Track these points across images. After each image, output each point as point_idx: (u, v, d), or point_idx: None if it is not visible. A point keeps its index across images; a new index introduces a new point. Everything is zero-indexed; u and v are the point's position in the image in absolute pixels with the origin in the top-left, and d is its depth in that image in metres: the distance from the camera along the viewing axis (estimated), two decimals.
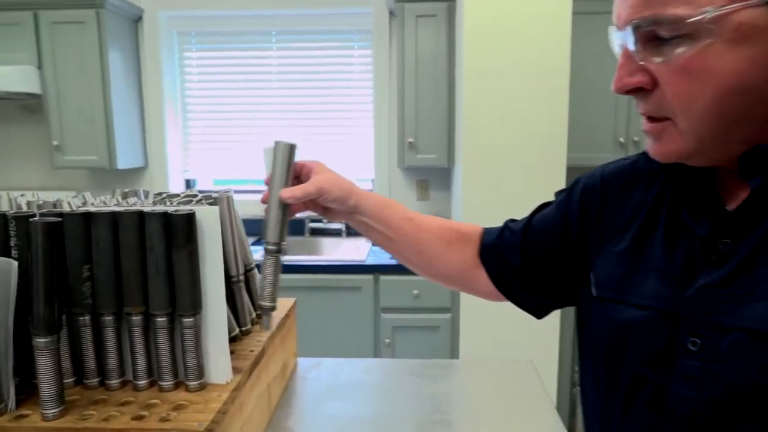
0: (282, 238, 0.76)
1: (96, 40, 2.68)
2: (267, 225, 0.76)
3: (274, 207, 0.75)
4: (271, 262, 0.76)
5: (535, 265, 0.76)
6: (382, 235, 0.83)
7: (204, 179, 3.27)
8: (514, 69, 2.13)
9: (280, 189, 0.75)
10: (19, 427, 0.66)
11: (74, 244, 0.71)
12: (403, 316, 2.40)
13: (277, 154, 0.76)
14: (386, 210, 0.82)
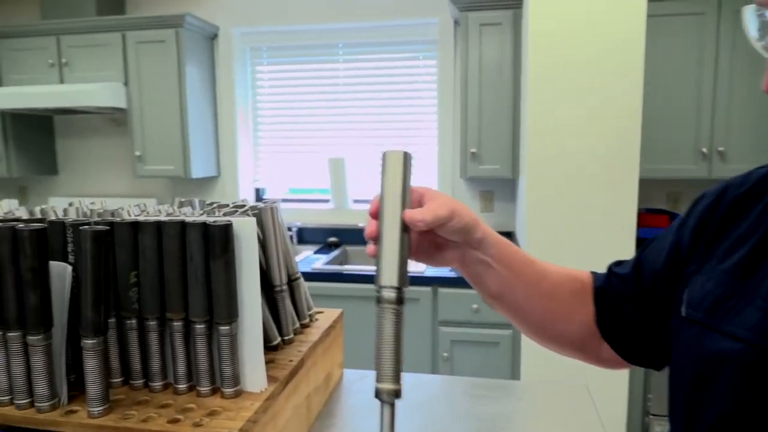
0: (404, 281, 0.54)
1: (175, 57, 2.86)
2: (381, 262, 0.54)
3: (391, 237, 0.55)
4: (391, 317, 0.52)
5: (652, 310, 0.64)
6: (501, 281, 0.65)
7: (273, 188, 3.38)
8: (582, 76, 2.04)
9: (400, 211, 0.55)
10: (67, 421, 0.70)
11: (123, 252, 0.75)
12: (462, 330, 2.35)
13: (389, 167, 0.57)
14: (510, 247, 0.66)
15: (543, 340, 0.72)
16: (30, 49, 3.03)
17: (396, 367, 0.52)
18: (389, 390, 0.51)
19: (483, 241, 0.63)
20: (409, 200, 0.57)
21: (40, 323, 0.70)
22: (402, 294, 0.54)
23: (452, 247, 0.63)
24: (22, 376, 0.72)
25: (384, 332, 0.52)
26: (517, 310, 0.68)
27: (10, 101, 2.93)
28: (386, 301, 0.53)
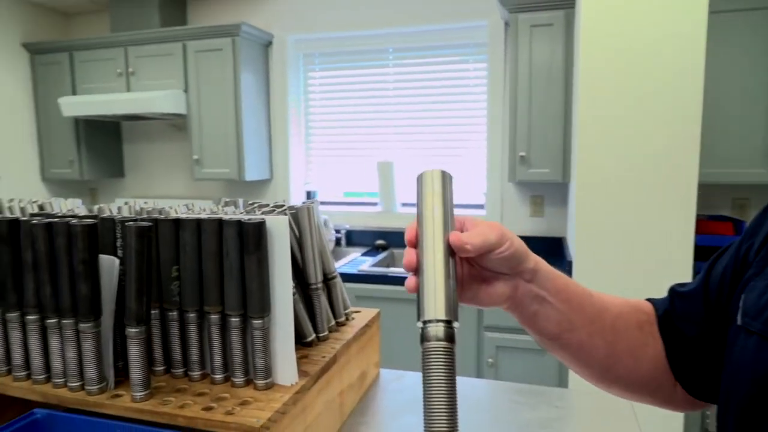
0: (454, 313, 0.45)
1: (231, 64, 2.98)
2: (424, 293, 0.46)
3: (435, 263, 0.47)
4: (441, 359, 0.42)
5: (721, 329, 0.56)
6: (560, 318, 0.56)
7: (323, 191, 3.45)
8: (637, 76, 1.97)
9: (443, 235, 0.48)
10: (112, 404, 0.75)
11: (166, 247, 0.80)
12: (507, 336, 2.31)
13: (427, 188, 0.51)
14: (565, 278, 0.57)
15: (609, 383, 0.62)
16: (101, 60, 3.24)
17: (453, 420, 0.41)
18: None
19: (537, 272, 0.55)
20: (452, 223, 0.50)
21: (91, 312, 0.75)
22: (452, 329, 0.44)
23: (502, 281, 0.54)
24: (74, 361, 0.78)
25: (432, 381, 0.42)
26: (580, 349, 0.58)
27: (83, 109, 3.14)
28: (433, 339, 0.43)
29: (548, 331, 0.58)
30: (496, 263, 0.52)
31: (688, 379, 0.60)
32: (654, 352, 0.60)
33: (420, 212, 0.50)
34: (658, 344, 0.61)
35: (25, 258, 0.79)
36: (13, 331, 0.82)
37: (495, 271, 0.54)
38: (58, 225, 0.76)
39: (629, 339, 0.60)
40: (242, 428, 0.68)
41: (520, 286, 0.55)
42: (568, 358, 0.60)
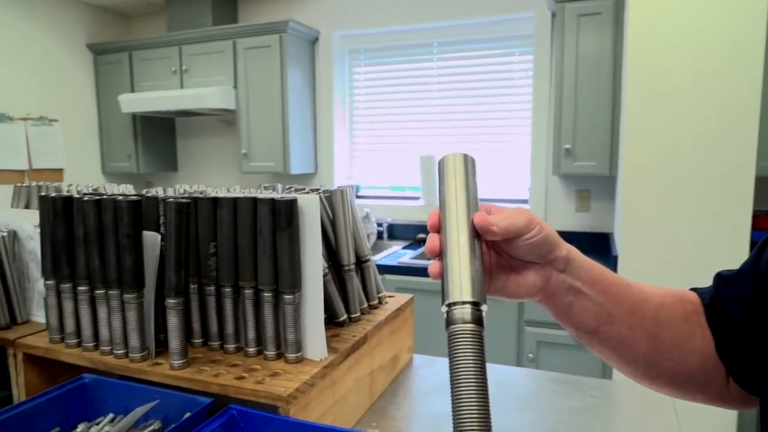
0: (481, 295, 0.42)
1: (278, 60, 3.05)
2: (449, 275, 0.43)
3: (459, 245, 0.44)
4: (469, 344, 0.39)
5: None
6: (597, 310, 0.52)
7: (366, 185, 3.48)
8: (690, 65, 1.89)
9: (467, 217, 0.46)
10: (153, 371, 0.80)
11: (204, 224, 0.84)
12: (549, 332, 2.26)
13: (450, 172, 0.49)
14: (601, 268, 0.54)
15: (653, 380, 0.57)
16: (157, 59, 3.39)
17: (484, 409, 0.37)
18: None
19: (570, 261, 0.51)
20: (477, 207, 0.47)
21: (134, 283, 0.80)
22: (480, 312, 0.41)
23: (533, 270, 0.50)
24: (119, 330, 0.83)
25: (460, 367, 0.38)
26: (620, 344, 0.54)
27: (140, 105, 3.30)
28: (459, 321, 0.40)
29: (585, 324, 0.53)
30: (525, 250, 0.49)
31: (740, 371, 0.55)
32: (702, 344, 0.56)
33: (442, 197, 0.48)
34: (706, 335, 0.56)
35: (77, 233, 0.84)
36: (66, 302, 0.88)
37: (524, 260, 0.50)
38: (106, 201, 0.81)
39: (674, 330, 0.55)
40: (271, 396, 0.71)
41: (552, 277, 0.51)
42: (608, 353, 0.56)
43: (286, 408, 0.70)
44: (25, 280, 1.04)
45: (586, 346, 0.57)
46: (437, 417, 0.93)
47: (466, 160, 0.50)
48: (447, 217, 0.47)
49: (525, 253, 0.49)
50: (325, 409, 0.80)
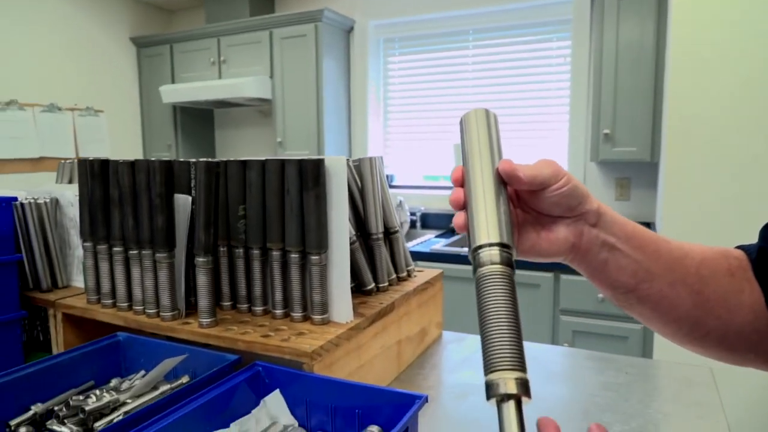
0: (510, 237, 0.41)
1: (314, 50, 3.08)
2: (475, 221, 0.42)
3: (484, 191, 0.43)
4: (500, 283, 0.38)
5: None
6: (635, 267, 0.49)
7: (400, 174, 3.47)
8: (736, 49, 1.80)
9: (491, 166, 0.45)
10: (182, 329, 0.81)
11: (234, 187, 0.85)
12: (585, 321, 2.20)
13: (472, 127, 0.48)
14: (634, 224, 0.51)
15: (699, 340, 0.53)
16: (196, 51, 3.47)
17: (516, 350, 0.35)
18: (511, 381, 0.34)
19: (602, 215, 0.48)
20: (501, 154, 0.46)
21: (166, 242, 0.82)
22: (510, 253, 0.40)
23: (563, 225, 0.48)
24: (151, 289, 0.85)
25: (491, 310, 0.37)
26: (661, 302, 0.51)
27: (180, 95, 3.38)
28: (488, 263, 0.39)
29: (622, 283, 0.50)
30: (554, 203, 0.46)
31: None
32: (751, 299, 0.52)
33: (465, 149, 0.47)
34: (755, 290, 0.52)
35: (113, 194, 0.87)
36: (102, 263, 0.91)
37: (553, 214, 0.48)
38: (140, 163, 0.83)
39: (719, 286, 0.51)
40: (295, 353, 0.71)
41: (584, 232, 0.48)
42: (649, 314, 0.52)
43: (311, 364, 0.70)
44: (66, 247, 1.08)
45: (625, 309, 0.54)
46: (466, 387, 0.92)
47: (488, 114, 0.48)
48: (471, 167, 0.45)
49: (553, 206, 0.47)
50: (350, 371, 0.80)
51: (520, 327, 0.37)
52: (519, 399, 0.34)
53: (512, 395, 0.34)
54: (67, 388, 0.76)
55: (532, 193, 0.47)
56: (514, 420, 0.33)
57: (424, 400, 0.61)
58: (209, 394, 0.64)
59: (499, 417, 0.34)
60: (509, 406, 0.34)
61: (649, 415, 0.81)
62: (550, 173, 0.45)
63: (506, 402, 0.34)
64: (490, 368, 0.35)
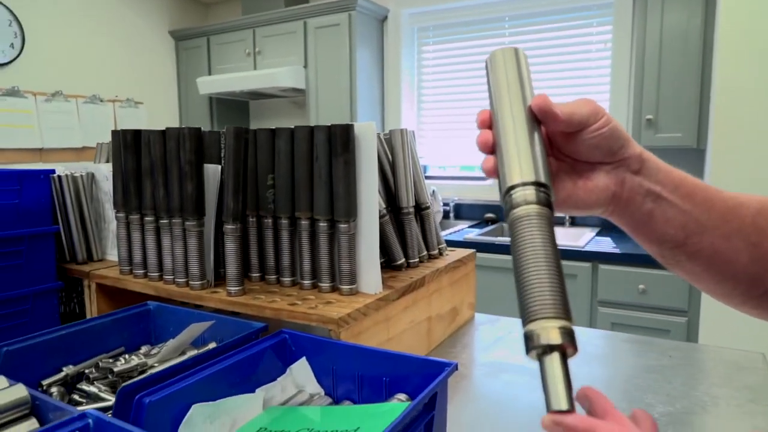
0: (547, 176, 0.37)
1: (347, 39, 3.07)
2: (507, 160, 0.38)
3: (516, 130, 0.39)
4: (537, 224, 0.34)
5: None
6: (684, 219, 0.44)
7: (435, 164, 3.43)
8: None
9: (522, 105, 0.41)
10: (211, 297, 0.81)
11: (263, 156, 0.84)
12: (624, 313, 2.12)
13: (499, 66, 0.43)
14: (680, 172, 0.46)
15: (760, 301, 0.48)
16: (232, 42, 3.51)
17: (558, 295, 0.31)
18: (554, 330, 0.30)
19: (645, 160, 0.44)
20: (533, 93, 0.42)
21: (195, 210, 0.81)
22: (547, 193, 0.36)
23: (603, 172, 0.43)
24: (181, 258, 0.85)
25: (527, 250, 0.32)
26: (714, 257, 0.45)
27: (216, 86, 3.43)
28: (523, 203, 0.35)
29: (669, 236, 0.45)
30: (592, 146, 0.42)
31: None
32: None
33: (492, 90, 0.42)
34: None
35: (144, 164, 0.87)
36: (134, 233, 0.91)
37: (592, 160, 0.43)
38: (170, 131, 0.82)
39: None
40: (322, 320, 0.70)
41: (626, 180, 0.44)
42: (700, 271, 0.47)
43: (338, 331, 0.69)
44: (102, 221, 1.10)
45: (672, 268, 0.49)
46: (499, 365, 0.88)
47: (517, 53, 0.44)
48: (500, 107, 0.41)
49: (592, 149, 0.42)
50: (378, 343, 0.78)
51: (562, 272, 0.33)
52: (564, 350, 0.30)
53: (556, 346, 0.30)
54: (98, 353, 0.77)
55: (568, 136, 0.42)
56: (559, 374, 0.29)
57: (454, 368, 0.58)
58: (234, 358, 0.63)
59: (541, 372, 0.30)
60: (552, 359, 0.30)
61: (695, 397, 0.76)
62: (588, 111, 0.41)
63: (549, 354, 0.30)
64: (530, 317, 0.31)
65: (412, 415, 0.51)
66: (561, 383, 0.29)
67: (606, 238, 2.41)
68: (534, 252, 0.33)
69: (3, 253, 0.93)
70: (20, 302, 0.95)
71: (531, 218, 0.34)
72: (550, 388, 0.29)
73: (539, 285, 0.31)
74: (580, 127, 0.41)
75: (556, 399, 0.29)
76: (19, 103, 2.89)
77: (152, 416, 0.53)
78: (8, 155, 2.83)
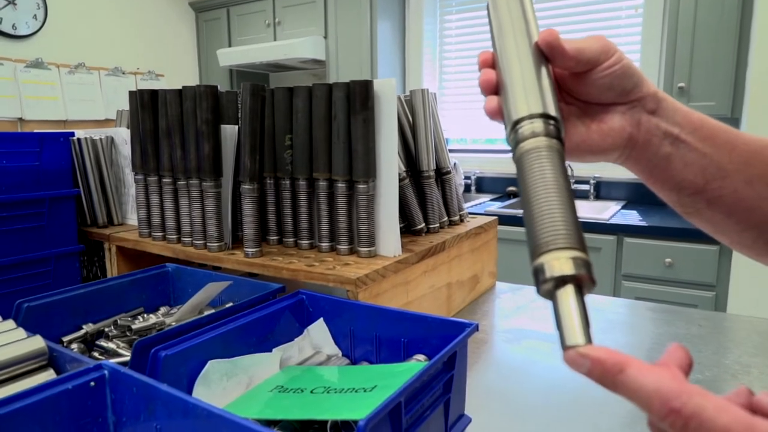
0: (556, 109, 0.35)
1: (368, 8, 3.00)
2: (512, 93, 0.36)
3: (520, 61, 0.37)
4: (548, 156, 0.31)
5: None
6: (704, 163, 0.41)
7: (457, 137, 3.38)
8: None
9: (528, 41, 0.38)
10: (228, 258, 0.80)
11: (281, 116, 0.82)
12: (649, 287, 2.08)
13: (502, 3, 0.40)
14: (698, 114, 0.43)
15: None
16: (252, 13, 3.47)
17: (571, 225, 0.28)
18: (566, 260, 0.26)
19: (661, 100, 0.41)
20: (537, 30, 0.38)
21: (212, 171, 0.80)
22: (556, 126, 0.33)
23: (617, 114, 0.41)
24: (199, 220, 0.84)
25: (537, 183, 0.30)
26: (735, 205, 0.42)
27: (235, 58, 3.41)
28: (531, 137, 0.32)
29: (688, 182, 0.42)
30: (604, 86, 0.39)
31: None
32: None
33: (495, 28, 0.39)
34: None
35: (161, 125, 0.86)
36: (152, 195, 0.91)
37: (604, 101, 0.40)
38: (187, 90, 0.81)
39: None
40: (340, 280, 0.69)
41: (642, 121, 0.41)
42: (722, 219, 0.43)
43: (355, 292, 0.67)
44: (122, 185, 1.10)
45: (691, 217, 0.45)
46: (521, 332, 0.87)
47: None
48: (503, 45, 0.38)
49: (604, 90, 0.40)
50: (396, 306, 0.76)
51: (575, 207, 0.29)
52: (579, 282, 0.26)
53: (570, 277, 0.26)
54: (117, 313, 0.77)
55: (578, 76, 0.40)
56: (575, 308, 0.26)
57: (474, 328, 0.57)
58: (251, 316, 0.63)
59: (554, 308, 0.26)
60: (566, 291, 0.26)
61: (725, 366, 0.73)
62: (599, 48, 0.38)
63: (562, 287, 0.26)
64: (540, 249, 0.27)
65: (429, 373, 0.49)
66: (577, 317, 0.26)
67: (632, 211, 2.35)
68: (544, 184, 0.29)
69: (25, 214, 0.93)
70: (43, 264, 0.96)
71: (540, 150, 0.31)
72: (565, 323, 0.26)
73: (549, 216, 0.28)
74: (590, 65, 0.39)
75: (572, 333, 0.25)
76: (43, 75, 2.91)
77: (168, 370, 0.52)
78: (33, 126, 2.87)
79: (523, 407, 0.65)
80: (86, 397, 0.47)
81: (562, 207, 0.28)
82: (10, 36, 2.75)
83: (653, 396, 0.24)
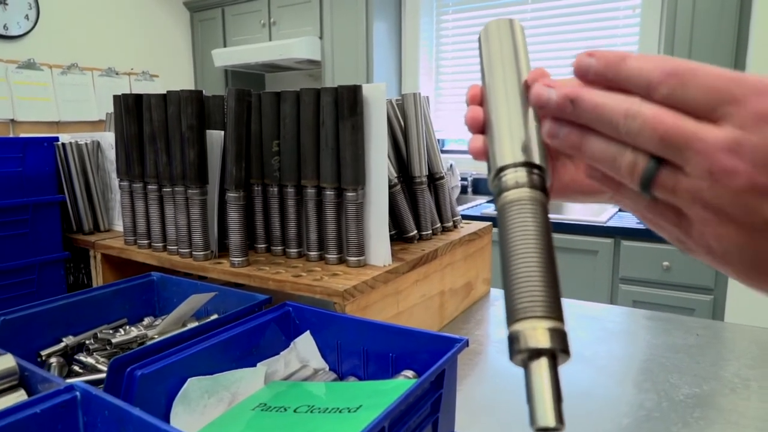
0: (541, 156, 0.32)
1: (364, 8, 2.98)
2: (496, 138, 0.34)
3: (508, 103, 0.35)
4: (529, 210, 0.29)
5: None
6: None
7: (454, 137, 3.36)
8: None
9: (517, 79, 0.36)
10: (214, 268, 0.78)
11: (268, 121, 0.79)
12: (646, 290, 2.06)
13: (493, 39, 0.39)
14: None
15: None
16: (247, 13, 3.45)
17: (549, 292, 0.26)
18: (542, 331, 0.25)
19: None
20: (528, 67, 0.37)
21: (198, 178, 0.78)
22: (541, 175, 0.31)
23: None
24: (184, 227, 0.82)
25: (517, 240, 0.28)
26: None
27: (230, 58, 3.39)
28: (513, 187, 0.31)
29: None
30: None
31: None
32: None
33: (486, 64, 0.38)
34: None
35: (146, 130, 0.84)
36: (137, 202, 0.89)
37: None
38: (171, 94, 0.79)
39: None
40: (326, 292, 0.67)
41: None
42: None
43: (343, 304, 0.65)
44: (108, 191, 1.08)
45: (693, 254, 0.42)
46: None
47: (512, 24, 0.39)
48: (492, 82, 0.36)
49: None
50: (386, 318, 0.74)
51: (556, 268, 0.28)
52: (553, 354, 0.25)
53: (544, 350, 0.25)
54: (100, 324, 0.75)
55: None
56: (547, 384, 0.24)
57: (464, 344, 0.55)
58: (235, 330, 0.60)
59: (526, 381, 0.25)
60: (540, 365, 0.25)
61: (724, 378, 0.71)
62: None
63: (536, 360, 0.25)
64: (515, 316, 0.26)
65: (416, 393, 0.47)
66: (548, 394, 0.24)
67: (629, 213, 2.33)
68: (525, 241, 0.28)
69: (8, 222, 0.91)
70: (26, 272, 0.93)
71: (523, 203, 0.30)
72: (536, 400, 0.25)
73: (528, 279, 0.27)
74: None
75: (543, 414, 0.24)
76: (35, 76, 2.89)
77: (145, 389, 0.50)
78: (25, 128, 2.84)
79: (517, 423, 0.63)
80: (56, 419, 0.45)
81: (541, 270, 0.27)
82: (2, 36, 2.72)
83: (653, 69, 0.27)
